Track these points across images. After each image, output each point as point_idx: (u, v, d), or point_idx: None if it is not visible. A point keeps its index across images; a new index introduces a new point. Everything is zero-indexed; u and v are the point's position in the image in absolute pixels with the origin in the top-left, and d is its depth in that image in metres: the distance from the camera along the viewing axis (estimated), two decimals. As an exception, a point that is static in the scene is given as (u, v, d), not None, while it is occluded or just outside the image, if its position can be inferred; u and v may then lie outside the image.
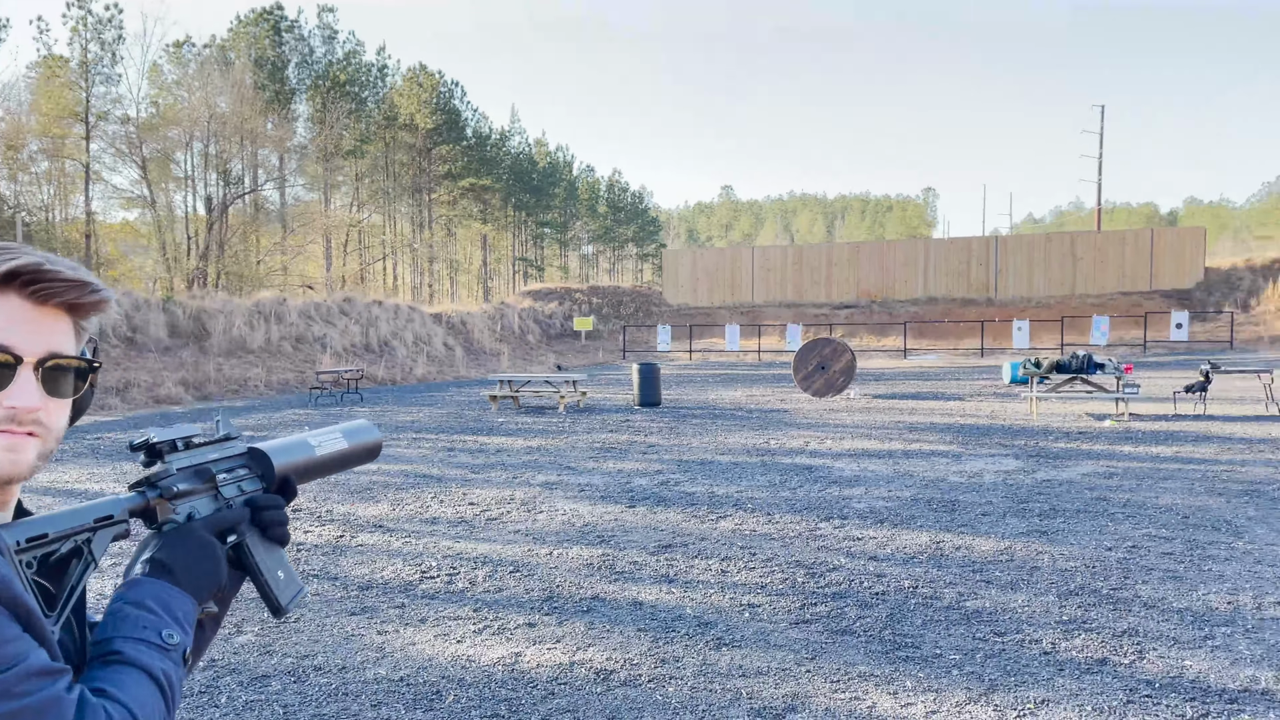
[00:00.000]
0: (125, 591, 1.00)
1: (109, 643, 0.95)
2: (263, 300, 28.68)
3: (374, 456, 1.38)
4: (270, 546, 1.17)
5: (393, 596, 5.75)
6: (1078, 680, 4.28)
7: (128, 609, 0.98)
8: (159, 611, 0.99)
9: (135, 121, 35.73)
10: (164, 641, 0.97)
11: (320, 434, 1.30)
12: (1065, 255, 41.28)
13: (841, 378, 18.83)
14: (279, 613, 1.17)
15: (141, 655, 0.95)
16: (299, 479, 1.23)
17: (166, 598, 1.01)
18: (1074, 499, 8.34)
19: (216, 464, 1.15)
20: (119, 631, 0.96)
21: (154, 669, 0.95)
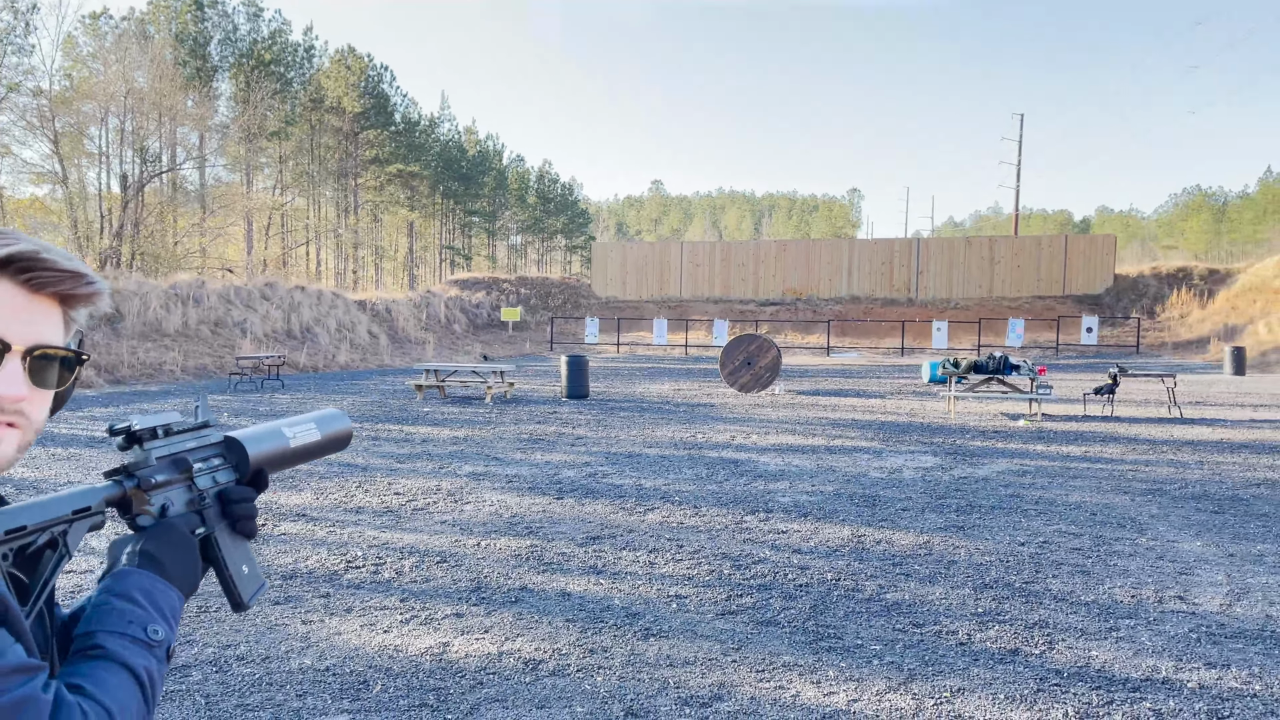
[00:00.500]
0: (112, 583, 0.99)
1: (92, 636, 0.94)
2: (180, 282, 27.83)
3: (344, 446, 1.36)
4: (237, 539, 1.16)
5: (317, 586, 5.67)
6: (991, 669, 4.44)
7: (114, 601, 0.97)
8: (145, 605, 0.98)
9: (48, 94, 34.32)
10: (149, 637, 0.96)
11: (294, 424, 1.28)
12: (984, 258, 42.43)
13: (767, 373, 19.09)
14: (239, 608, 1.16)
15: (124, 651, 0.93)
16: (270, 469, 1.22)
17: (154, 591, 1.00)
18: (989, 495, 8.61)
19: (193, 453, 1.13)
20: (103, 625, 0.94)
21: (136, 666, 0.93)
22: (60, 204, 37.43)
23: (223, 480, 1.16)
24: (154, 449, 1.08)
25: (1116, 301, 40.34)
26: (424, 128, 64.89)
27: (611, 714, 3.91)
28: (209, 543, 1.13)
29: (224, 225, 42.52)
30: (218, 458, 1.16)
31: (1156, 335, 36.71)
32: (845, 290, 43.50)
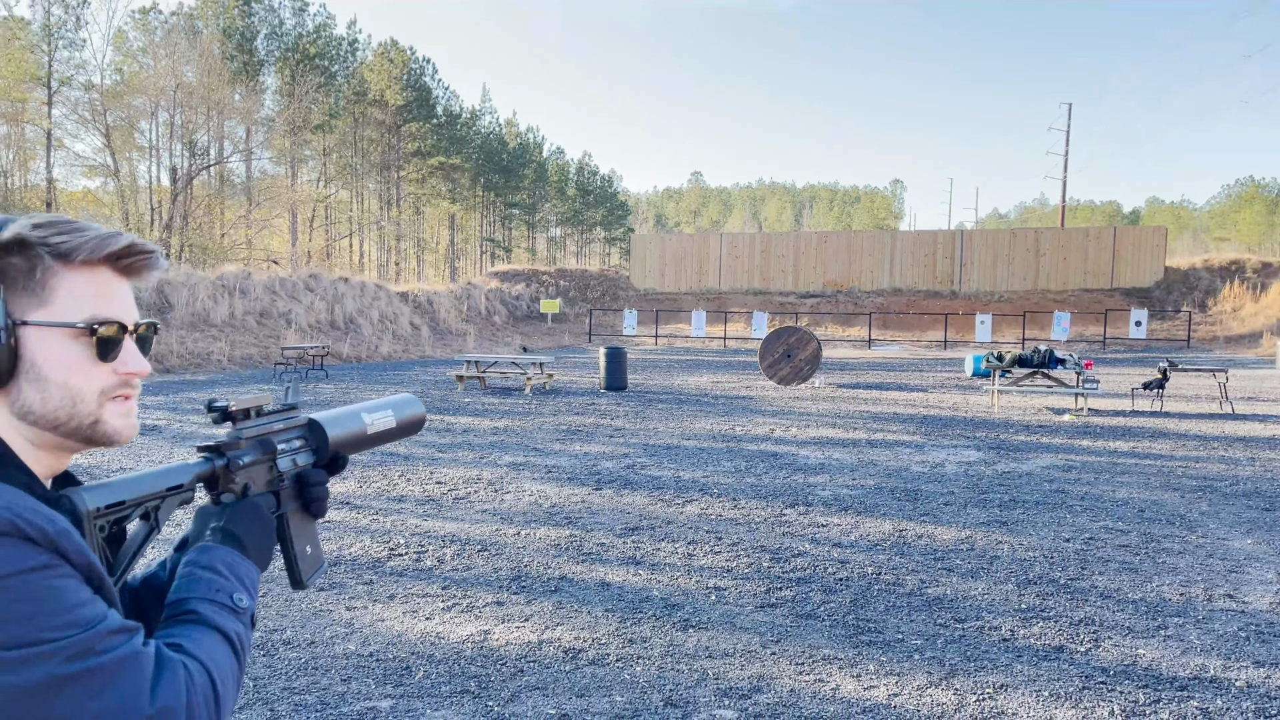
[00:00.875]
0: (197, 556, 1.03)
1: (184, 603, 0.98)
2: (227, 274, 28.29)
3: (418, 430, 1.40)
4: (306, 519, 1.21)
5: (361, 573, 5.75)
6: (1035, 666, 4.39)
7: (200, 572, 1.01)
8: (229, 576, 1.03)
9: (99, 88, 35.02)
10: (235, 604, 1.01)
11: (372, 409, 1.32)
12: (1029, 251, 41.80)
13: (807, 366, 18.98)
14: (299, 586, 1.20)
15: (215, 615, 0.98)
16: (346, 452, 1.26)
17: (237, 566, 1.05)
18: (1033, 491, 8.50)
19: (279, 435, 1.17)
20: (193, 592, 0.99)
21: (227, 629, 0.98)
22: (112, 196, 38.22)
23: (302, 462, 1.20)
24: (245, 429, 1.13)
25: (1167, 295, 39.56)
26: (465, 120, 65.28)
27: (651, 704, 3.92)
28: (280, 521, 1.18)
29: (269, 217, 43.15)
30: (299, 439, 1.21)
31: (1208, 329, 35.95)
32: (887, 282, 43.10)
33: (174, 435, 11.32)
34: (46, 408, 0.95)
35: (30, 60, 32.92)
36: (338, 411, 1.27)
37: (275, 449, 1.15)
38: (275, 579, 5.60)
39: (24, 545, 0.82)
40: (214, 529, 1.08)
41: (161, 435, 11.30)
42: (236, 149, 42.69)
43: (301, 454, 1.21)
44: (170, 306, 24.72)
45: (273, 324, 27.22)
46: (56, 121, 34.07)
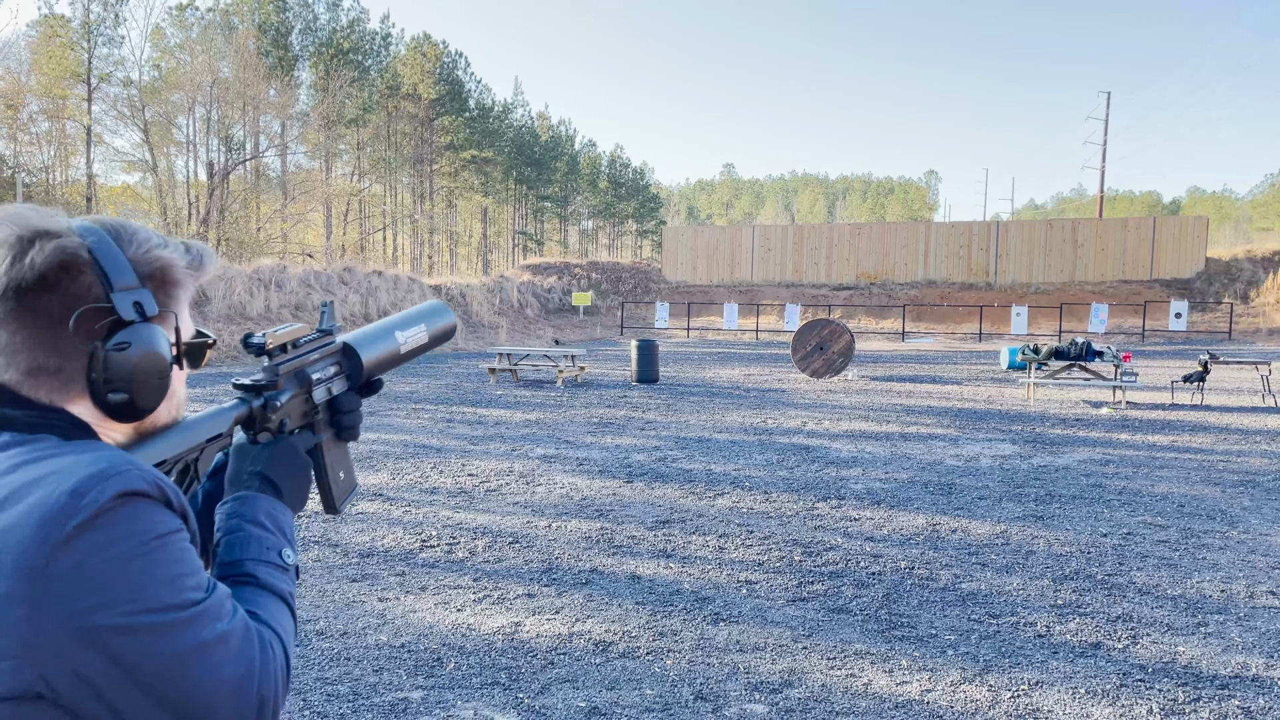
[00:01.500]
0: (241, 507, 1.03)
1: (241, 565, 0.98)
2: (263, 267, 28.59)
3: (449, 339, 1.39)
4: (340, 445, 1.21)
5: (393, 564, 5.79)
6: (1071, 663, 4.33)
7: (249, 528, 1.01)
8: (274, 530, 1.03)
9: (137, 84, 35.50)
10: (283, 561, 1.01)
11: (405, 324, 1.31)
12: (1066, 242, 41.21)
13: (840, 359, 18.86)
14: (333, 511, 1.21)
15: (274, 579, 0.99)
16: (381, 373, 1.26)
17: (278, 515, 1.05)
18: (1070, 485, 8.39)
19: (314, 366, 1.16)
20: (248, 553, 0.99)
21: (284, 592, 0.99)
22: (150, 191, 38.75)
23: (336, 390, 1.20)
24: (281, 364, 1.11)
25: (1208, 286, 38.85)
26: (498, 114, 65.44)
27: (681, 697, 3.92)
28: (315, 450, 1.18)
29: (304, 211, 43.56)
30: (334, 365, 1.20)
31: (1250, 321, 35.26)
32: (921, 275, 42.69)
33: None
34: (166, 419, 1.00)
35: (70, 57, 33.42)
36: (371, 330, 1.26)
37: (311, 381, 1.15)
38: (308, 569, 5.65)
39: (164, 509, 0.84)
40: (252, 473, 1.07)
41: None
42: (272, 144, 43.11)
43: (336, 381, 1.20)
44: (208, 299, 25.05)
45: (308, 316, 27.48)
46: (96, 118, 34.58)
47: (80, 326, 0.87)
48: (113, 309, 0.88)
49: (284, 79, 44.37)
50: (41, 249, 0.85)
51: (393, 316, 1.32)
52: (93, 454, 0.84)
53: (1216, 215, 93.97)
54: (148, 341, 0.91)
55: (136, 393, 0.91)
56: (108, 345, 0.88)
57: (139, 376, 0.90)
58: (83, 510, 0.78)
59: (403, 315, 1.33)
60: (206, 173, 37.90)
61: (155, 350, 0.91)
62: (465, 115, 58.16)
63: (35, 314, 0.87)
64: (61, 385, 0.90)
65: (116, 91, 35.22)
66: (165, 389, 0.94)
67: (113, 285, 0.89)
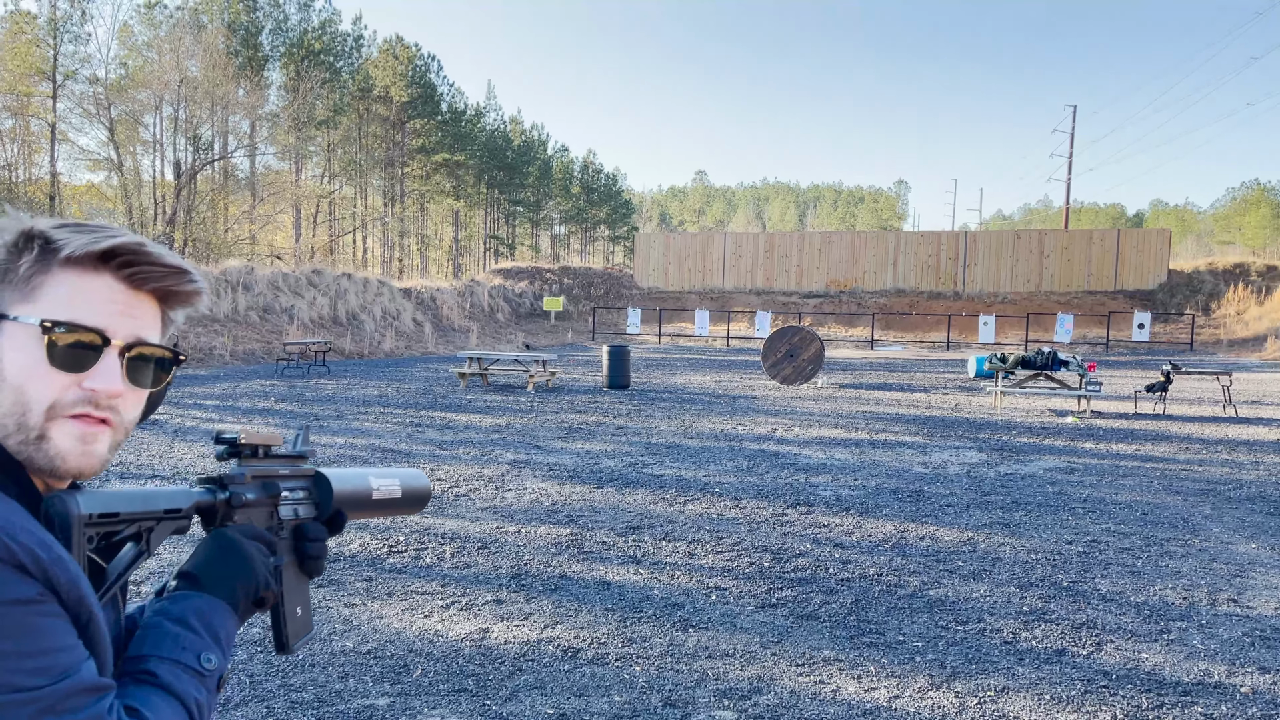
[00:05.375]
0: (170, 605, 0.95)
1: (143, 660, 0.90)
2: (230, 269, 28.29)
3: (422, 507, 1.34)
4: (300, 578, 1.14)
5: (360, 569, 5.73)
6: (1037, 669, 4.36)
7: (167, 625, 0.93)
8: (201, 632, 0.94)
9: (104, 82, 35.03)
10: (201, 666, 0.92)
11: (381, 476, 1.27)
12: (1033, 252, 41.72)
13: (810, 366, 18.95)
14: (283, 650, 1.12)
15: (177, 681, 0.90)
16: (348, 512, 1.19)
17: (212, 616, 0.96)
18: (1036, 493, 8.47)
19: (284, 480, 1.11)
20: (158, 650, 0.91)
21: (187, 698, 0.90)
22: (115, 190, 38.22)
23: (303, 514, 1.14)
24: (251, 467, 1.07)
25: (1170, 297, 39.47)
26: (470, 117, 65.24)
27: (650, 704, 3.90)
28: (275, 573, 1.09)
29: (273, 213, 43.17)
30: (304, 490, 1.15)
31: (1211, 332, 35.87)
32: (890, 283, 43.03)
33: (174, 431, 11.30)
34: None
35: (35, 54, 32.91)
36: (345, 471, 1.22)
37: (279, 493, 1.09)
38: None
39: (13, 573, 0.75)
40: (183, 572, 0.99)
41: (162, 430, 11.28)
42: (241, 144, 42.68)
43: (304, 505, 1.14)
44: (173, 301, 24.71)
45: (276, 319, 27.22)
46: (61, 115, 34.07)
47: None
48: None
49: (253, 79, 43.95)
50: None
51: (371, 467, 1.29)
52: None
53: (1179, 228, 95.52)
54: None
55: None
56: None
57: None
58: None
59: (381, 468, 1.29)
60: (173, 172, 37.45)
61: None
62: (437, 118, 57.93)
63: None
64: None
65: (82, 89, 34.76)
66: None
67: None
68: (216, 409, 13.55)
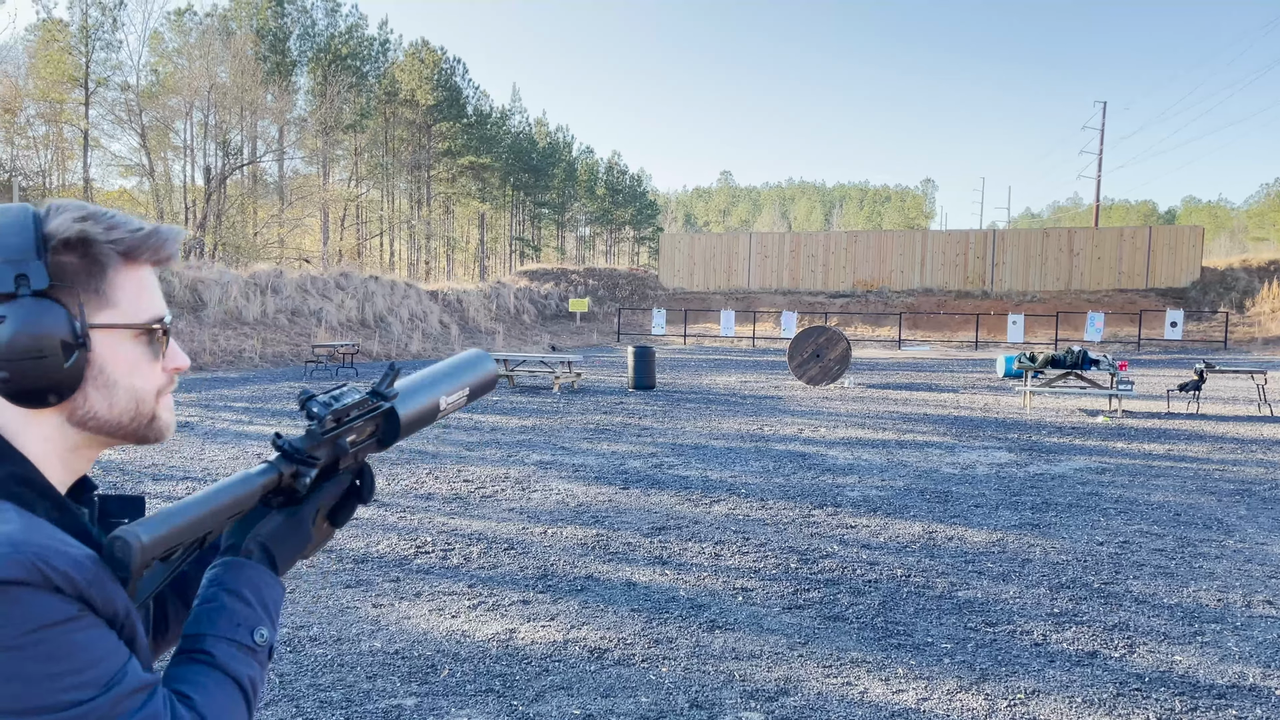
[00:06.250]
0: (224, 574, 0.96)
1: (201, 640, 0.91)
2: (259, 272, 28.57)
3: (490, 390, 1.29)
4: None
5: (388, 570, 5.76)
6: (1068, 672, 4.31)
7: (225, 599, 0.93)
8: (254, 605, 0.95)
9: (135, 89, 35.49)
10: (254, 642, 0.93)
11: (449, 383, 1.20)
12: (1062, 251, 41.29)
13: (836, 366, 18.86)
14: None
15: (232, 661, 0.91)
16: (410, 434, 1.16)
17: (264, 589, 0.97)
18: (1066, 493, 8.38)
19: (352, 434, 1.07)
20: (213, 628, 0.92)
21: (242, 677, 0.91)
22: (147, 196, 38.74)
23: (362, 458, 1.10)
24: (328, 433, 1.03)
25: (1203, 295, 38.92)
26: (495, 120, 65.49)
27: (676, 705, 3.89)
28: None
29: (301, 216, 43.53)
30: (371, 428, 1.10)
31: (1245, 330, 35.33)
32: (918, 283, 42.74)
33: (205, 433, 11.43)
34: (112, 413, 0.91)
35: (68, 61, 33.41)
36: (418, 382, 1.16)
37: (343, 453, 1.05)
38: (302, 574, 5.63)
39: (48, 596, 0.75)
40: (254, 541, 0.99)
41: (193, 432, 11.41)
42: (269, 149, 43.12)
43: (365, 446, 1.09)
44: (203, 304, 25.00)
45: (304, 322, 27.45)
46: (93, 121, 34.55)
47: None
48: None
49: (282, 84, 44.39)
50: None
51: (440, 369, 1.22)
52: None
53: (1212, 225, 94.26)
54: (26, 316, 0.83)
55: (15, 373, 0.83)
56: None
57: (14, 354, 0.82)
58: None
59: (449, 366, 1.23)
60: (204, 177, 37.89)
61: (32, 326, 0.83)
62: (463, 121, 58.20)
63: None
64: None
65: (114, 96, 35.23)
66: (55, 372, 0.85)
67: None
68: (246, 410, 13.69)
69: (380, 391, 1.10)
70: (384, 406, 1.10)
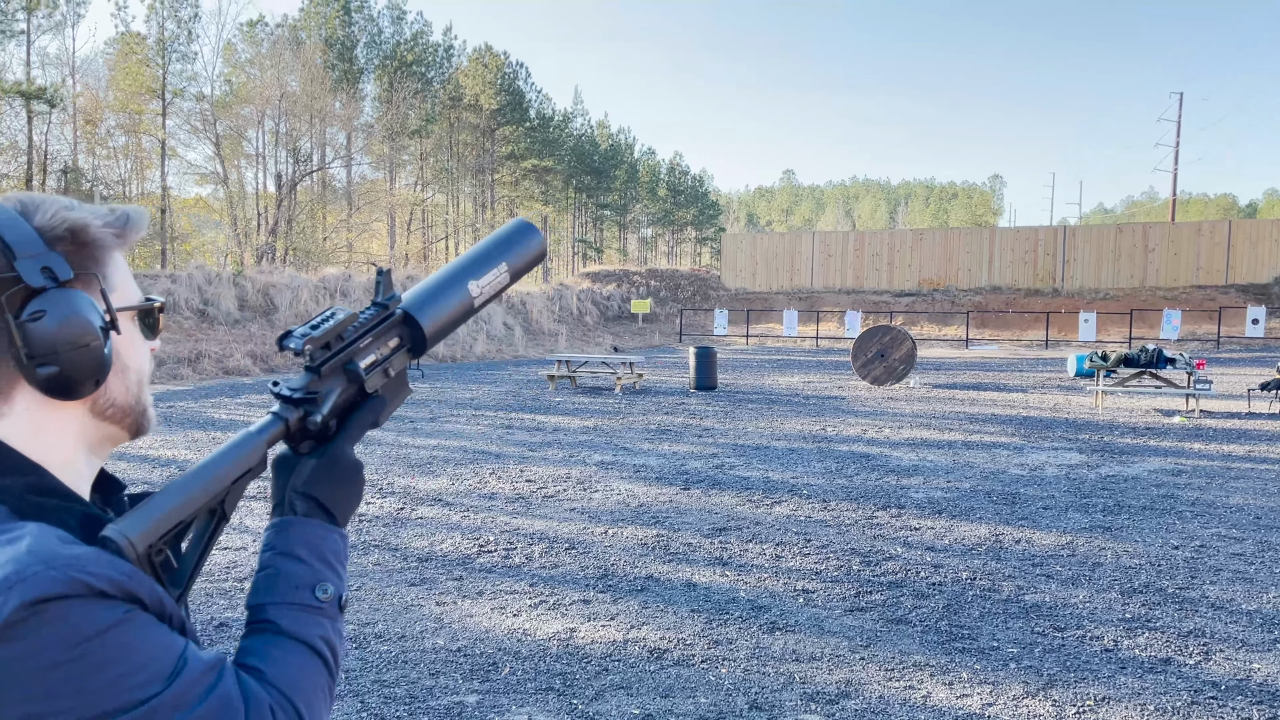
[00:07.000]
0: (275, 538, 0.95)
1: (263, 610, 0.90)
2: (328, 276, 29.19)
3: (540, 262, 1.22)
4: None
5: (451, 569, 5.85)
6: (1140, 679, 4.20)
7: (280, 563, 0.92)
8: (310, 560, 0.93)
9: (210, 99, 36.51)
10: (317, 600, 0.92)
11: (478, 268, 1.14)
12: (1137, 246, 40.15)
13: (901, 366, 18.60)
14: None
15: (296, 625, 0.90)
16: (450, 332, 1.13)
17: (318, 541, 0.95)
18: (1140, 496, 8.15)
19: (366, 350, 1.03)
20: (272, 596, 0.91)
21: (312, 639, 0.90)
22: (221, 203, 39.81)
23: (396, 369, 1.07)
24: (323, 363, 0.99)
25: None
26: (558, 123, 65.97)
27: (736, 706, 3.88)
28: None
29: (369, 221, 44.36)
30: (395, 339, 1.07)
31: (1332, 327, 33.96)
32: (985, 281, 41.94)
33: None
34: (127, 397, 0.90)
35: (146, 73, 34.51)
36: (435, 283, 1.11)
37: (362, 376, 1.01)
38: (368, 572, 5.74)
39: (93, 604, 0.75)
40: (295, 494, 0.97)
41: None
42: (337, 155, 44.00)
43: (396, 358, 1.06)
44: (275, 308, 25.63)
45: (371, 325, 27.94)
46: (170, 131, 35.63)
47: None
48: (18, 278, 0.81)
49: (349, 91, 45.27)
50: None
51: (464, 257, 1.15)
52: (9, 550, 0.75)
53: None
54: (65, 307, 0.82)
55: (65, 364, 0.82)
56: (21, 317, 0.81)
57: (62, 346, 0.82)
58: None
59: (477, 253, 1.15)
60: (275, 184, 38.83)
61: (76, 315, 0.82)
62: (526, 125, 58.73)
63: None
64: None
65: (190, 106, 36.27)
66: (99, 358, 0.85)
67: (15, 254, 0.81)
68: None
69: (379, 301, 1.06)
70: (393, 314, 1.06)
